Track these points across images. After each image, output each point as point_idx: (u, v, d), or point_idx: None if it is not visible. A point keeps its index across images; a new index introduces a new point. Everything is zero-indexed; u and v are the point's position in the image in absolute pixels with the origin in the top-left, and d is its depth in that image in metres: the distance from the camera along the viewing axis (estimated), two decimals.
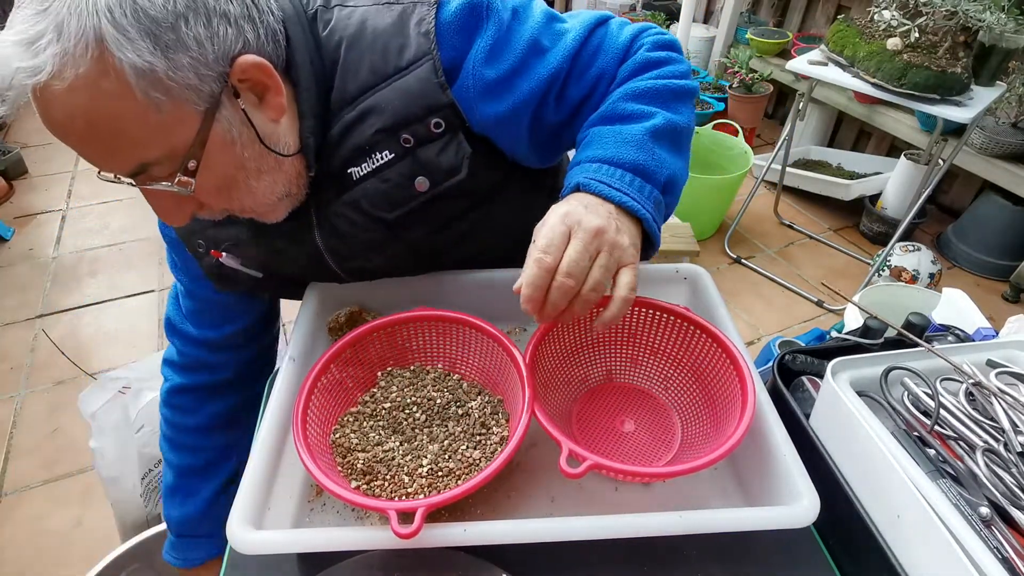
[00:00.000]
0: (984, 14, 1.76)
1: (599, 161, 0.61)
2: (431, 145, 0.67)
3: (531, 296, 0.55)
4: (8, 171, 2.73)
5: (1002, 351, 0.70)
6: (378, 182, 0.68)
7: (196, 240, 0.76)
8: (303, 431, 0.60)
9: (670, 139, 0.65)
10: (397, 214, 0.70)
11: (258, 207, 0.65)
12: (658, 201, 0.62)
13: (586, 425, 0.71)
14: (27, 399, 1.83)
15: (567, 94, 0.69)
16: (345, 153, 0.68)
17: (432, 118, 0.66)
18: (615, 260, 0.56)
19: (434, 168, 0.68)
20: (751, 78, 2.87)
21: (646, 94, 0.66)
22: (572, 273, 0.54)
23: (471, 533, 0.53)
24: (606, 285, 0.56)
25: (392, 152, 0.67)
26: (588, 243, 0.55)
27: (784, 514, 0.55)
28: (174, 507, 0.88)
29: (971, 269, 2.37)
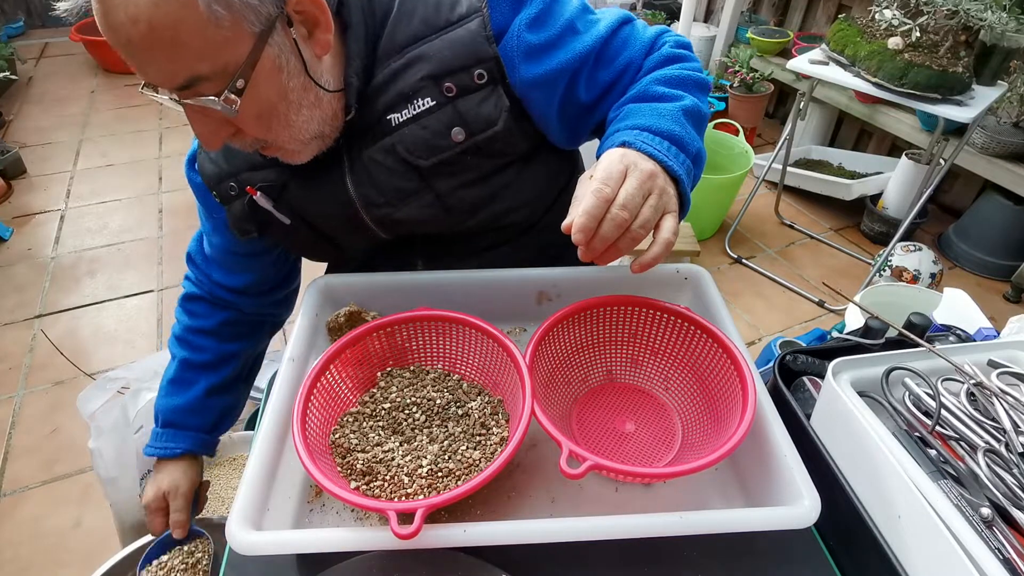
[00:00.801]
0: (985, 13, 1.76)
1: (639, 128, 0.64)
2: (472, 96, 0.70)
3: (585, 224, 0.56)
4: (7, 171, 2.73)
5: (1003, 351, 0.69)
6: (417, 128, 0.71)
7: (227, 184, 0.78)
8: (303, 431, 0.59)
9: (695, 120, 0.69)
10: (432, 162, 0.73)
11: (290, 142, 0.67)
12: (689, 169, 0.65)
13: (586, 425, 0.71)
14: (26, 399, 1.83)
15: (597, 76, 0.73)
16: (387, 99, 0.71)
17: (476, 68, 0.69)
18: (663, 204, 0.59)
19: (472, 118, 0.71)
20: (752, 77, 2.87)
21: (673, 81, 0.71)
22: (627, 206, 0.56)
23: (471, 534, 0.53)
24: (653, 224, 0.58)
25: (434, 100, 0.70)
26: (643, 182, 0.58)
27: (785, 514, 0.55)
28: (169, 397, 0.90)
29: (972, 269, 2.37)
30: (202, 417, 0.91)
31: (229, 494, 1.39)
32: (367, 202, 0.76)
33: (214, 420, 0.92)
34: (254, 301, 0.94)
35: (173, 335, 0.93)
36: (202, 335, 0.91)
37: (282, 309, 1.02)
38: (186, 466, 0.89)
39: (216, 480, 1.42)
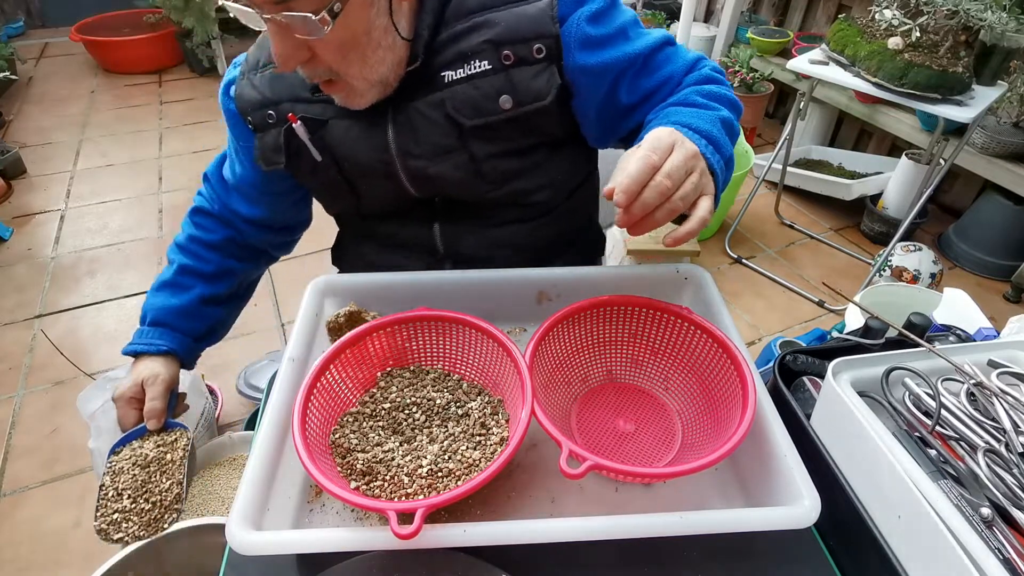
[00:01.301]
0: (985, 13, 1.76)
1: (680, 124, 0.65)
2: (528, 68, 0.74)
3: (629, 187, 0.57)
4: (7, 171, 2.73)
5: (1003, 351, 0.69)
6: (469, 88, 0.75)
7: (266, 112, 0.81)
8: (302, 431, 0.59)
9: (729, 132, 0.72)
10: (475, 123, 0.76)
11: (359, 80, 0.71)
12: (722, 169, 0.67)
13: (586, 425, 0.71)
14: (26, 399, 1.83)
15: (640, 82, 0.77)
16: (446, 57, 0.75)
17: (536, 43, 0.73)
18: (702, 184, 0.60)
19: (523, 89, 0.74)
20: (752, 77, 2.87)
21: (711, 95, 0.75)
22: (672, 175, 0.57)
23: (471, 534, 0.53)
24: (691, 201, 0.60)
25: (490, 64, 0.74)
26: (688, 159, 0.59)
27: (785, 514, 0.55)
28: (161, 297, 0.88)
29: (972, 269, 2.37)
30: (193, 322, 0.89)
31: (229, 494, 1.39)
32: (404, 152, 0.79)
33: (204, 329, 0.91)
34: (262, 234, 0.96)
35: (175, 243, 0.93)
36: (206, 247, 0.92)
37: (282, 249, 1.05)
38: (168, 362, 0.85)
39: (216, 480, 1.43)
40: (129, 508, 0.70)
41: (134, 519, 0.70)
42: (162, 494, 0.71)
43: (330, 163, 0.82)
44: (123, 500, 0.71)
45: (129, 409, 0.80)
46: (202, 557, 1.17)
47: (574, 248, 1.00)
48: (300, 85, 0.79)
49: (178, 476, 0.73)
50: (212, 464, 1.46)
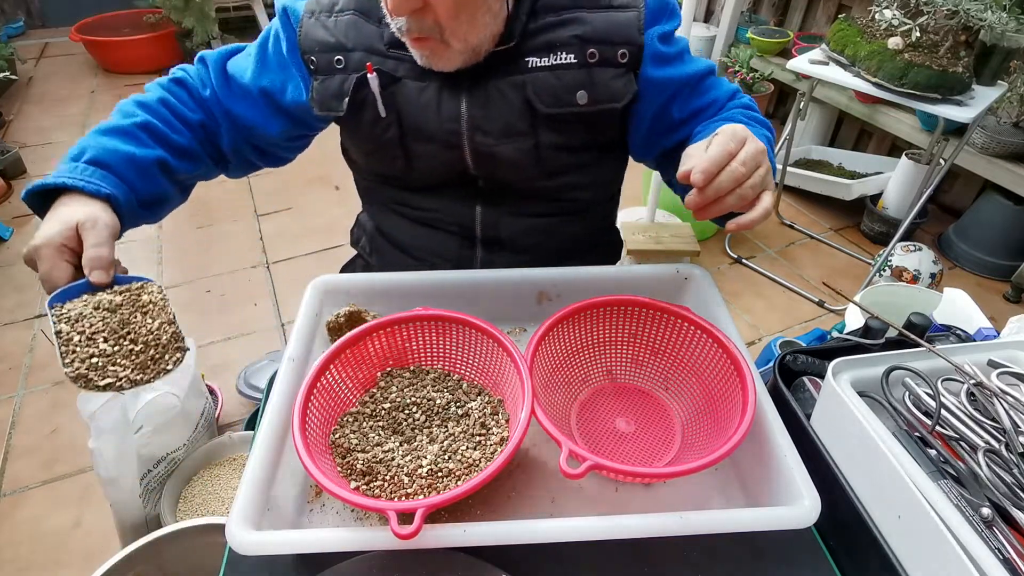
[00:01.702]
0: (985, 13, 1.76)
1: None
2: (609, 69, 0.78)
3: (708, 169, 0.60)
4: (7, 171, 2.73)
5: (1003, 351, 0.69)
6: (552, 77, 0.78)
7: (335, 56, 0.81)
8: (302, 431, 0.59)
9: (770, 148, 0.75)
10: (551, 111, 0.79)
11: (459, 40, 0.73)
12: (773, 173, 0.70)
13: (586, 425, 0.71)
14: (26, 399, 1.83)
15: (691, 101, 0.83)
16: (533, 45, 0.78)
17: (622, 48, 0.77)
18: (767, 180, 0.65)
19: (602, 88, 0.79)
20: (752, 77, 2.87)
21: (752, 119, 0.79)
22: (746, 163, 0.62)
23: (471, 534, 0.53)
24: (758, 193, 0.64)
25: (575, 58, 0.77)
26: (758, 152, 0.63)
27: (785, 515, 0.55)
28: (109, 140, 0.74)
29: (972, 269, 2.37)
30: (145, 182, 0.75)
31: (229, 494, 1.39)
32: (474, 126, 0.80)
33: (152, 196, 0.77)
34: (237, 142, 0.89)
35: (136, 101, 0.81)
36: (180, 119, 0.83)
37: (238, 171, 0.95)
38: (108, 207, 0.69)
39: (216, 480, 1.43)
40: (112, 352, 0.59)
41: (123, 362, 0.59)
42: (152, 333, 0.61)
43: (393, 121, 0.82)
44: (98, 344, 0.59)
45: (60, 260, 0.63)
46: (202, 557, 1.17)
47: (596, 251, 1.03)
48: (376, 37, 0.80)
49: (165, 316, 0.62)
50: (212, 464, 1.46)
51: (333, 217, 2.57)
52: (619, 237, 1.09)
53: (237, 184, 2.78)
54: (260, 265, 2.32)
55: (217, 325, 2.05)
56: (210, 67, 0.87)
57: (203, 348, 1.96)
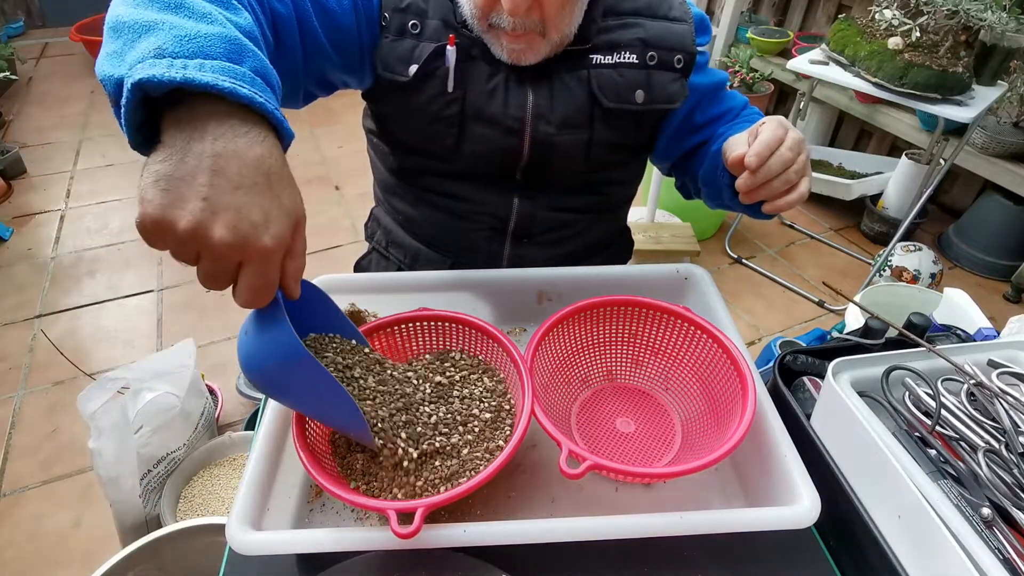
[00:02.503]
0: (985, 13, 1.76)
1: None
2: (666, 73, 0.84)
3: (760, 152, 0.66)
4: (7, 171, 2.73)
5: (1003, 351, 0.69)
6: (615, 73, 0.82)
7: (411, 19, 0.80)
8: (302, 431, 0.59)
9: None
10: (611, 106, 0.83)
11: (555, 33, 0.76)
12: None
13: (586, 425, 0.71)
14: (26, 399, 1.83)
15: (711, 108, 0.90)
16: (596, 43, 0.82)
17: (678, 55, 0.84)
18: (807, 166, 0.70)
19: (659, 90, 0.84)
20: (752, 77, 2.87)
21: None
22: (793, 149, 0.67)
23: (471, 534, 0.53)
24: (799, 179, 0.69)
25: (637, 59, 0.83)
26: (799, 141, 0.69)
27: (785, 514, 0.55)
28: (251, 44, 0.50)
29: (972, 269, 2.37)
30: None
31: (229, 494, 1.39)
32: (538, 114, 0.82)
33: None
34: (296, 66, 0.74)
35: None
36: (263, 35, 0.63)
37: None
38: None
39: (216, 480, 1.43)
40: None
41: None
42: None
43: (458, 98, 0.82)
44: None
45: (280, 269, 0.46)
46: (202, 557, 1.17)
47: (609, 251, 1.04)
48: (451, 12, 0.80)
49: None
50: (212, 464, 1.46)
51: (333, 217, 2.57)
52: (631, 237, 1.10)
53: None
54: None
55: (217, 325, 2.06)
56: None
57: (203, 348, 1.96)
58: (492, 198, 0.89)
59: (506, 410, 0.66)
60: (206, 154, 0.42)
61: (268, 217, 0.43)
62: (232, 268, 0.44)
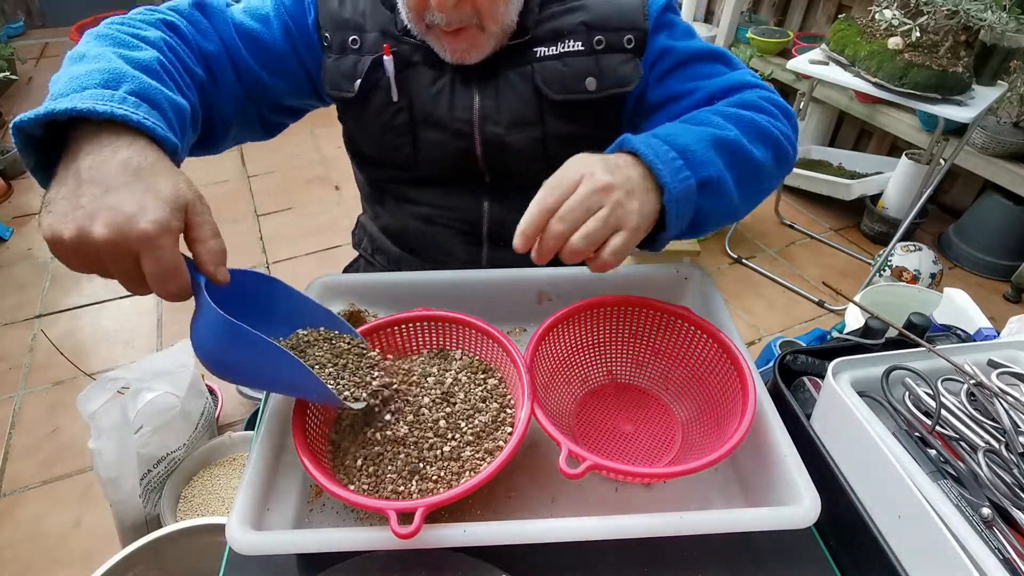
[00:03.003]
0: (985, 13, 1.76)
1: (653, 135, 0.64)
2: (616, 55, 0.79)
3: (524, 231, 0.57)
4: (7, 171, 2.73)
5: (1003, 351, 0.69)
6: (559, 64, 0.79)
7: (350, 35, 0.80)
8: (302, 431, 0.59)
9: (733, 157, 0.66)
10: (559, 98, 0.79)
11: (493, 24, 0.73)
12: (689, 190, 0.61)
13: (586, 425, 0.71)
14: (26, 399, 1.83)
15: (668, 82, 0.80)
16: (540, 33, 0.78)
17: (627, 34, 0.78)
18: (615, 219, 0.57)
19: (609, 74, 0.79)
20: None
21: (732, 117, 0.70)
22: (564, 218, 0.56)
23: (471, 534, 0.53)
24: (600, 238, 0.56)
25: (583, 45, 0.78)
26: (590, 194, 0.56)
27: (785, 514, 0.55)
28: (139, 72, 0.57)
29: (972, 269, 2.37)
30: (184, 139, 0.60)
31: (229, 494, 1.39)
32: (485, 117, 0.80)
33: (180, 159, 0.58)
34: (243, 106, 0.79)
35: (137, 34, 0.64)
36: (189, 75, 0.69)
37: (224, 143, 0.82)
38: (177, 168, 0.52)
39: (216, 480, 1.43)
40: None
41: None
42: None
43: (405, 107, 0.81)
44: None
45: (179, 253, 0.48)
46: (202, 557, 1.17)
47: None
48: (390, 22, 0.79)
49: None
50: (212, 464, 1.46)
51: (333, 217, 2.57)
52: None
53: (237, 184, 2.78)
54: (260, 265, 2.32)
55: None
56: (214, 16, 0.75)
57: None
58: (462, 203, 0.89)
59: (506, 410, 0.66)
60: (80, 170, 0.47)
61: (142, 205, 0.45)
62: (132, 264, 0.46)
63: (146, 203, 0.46)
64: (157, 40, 0.65)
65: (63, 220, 0.45)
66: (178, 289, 0.48)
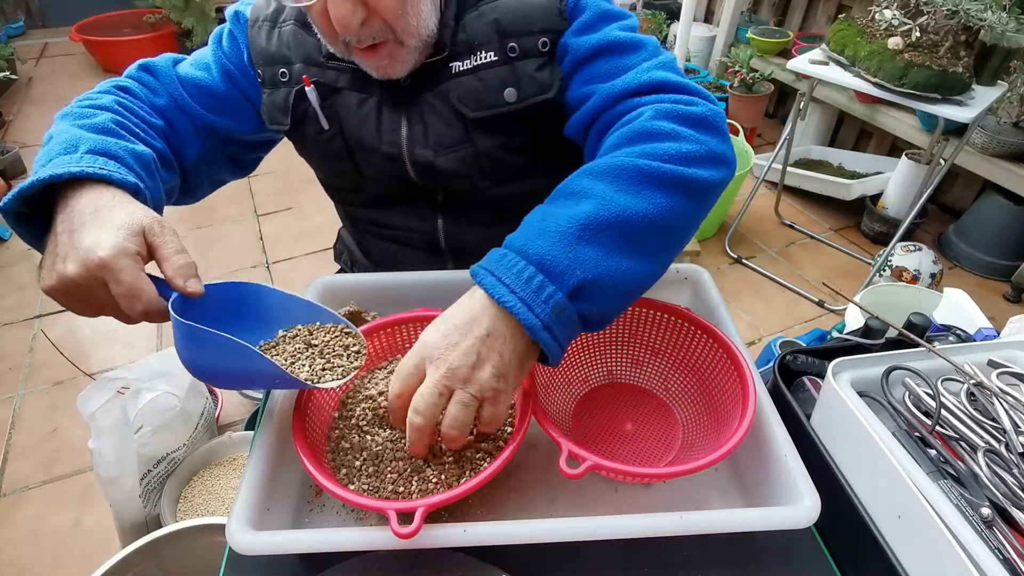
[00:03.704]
0: (985, 13, 1.76)
1: (509, 247, 0.55)
2: (532, 60, 0.74)
3: (395, 422, 0.55)
4: (7, 171, 2.73)
5: (1003, 351, 0.69)
6: (473, 79, 0.75)
7: (279, 68, 0.79)
8: (302, 431, 0.59)
9: (615, 232, 0.54)
10: (478, 115, 0.76)
11: (410, 36, 0.70)
12: (560, 307, 0.52)
13: (586, 425, 0.71)
14: (26, 399, 1.83)
15: (572, 84, 0.74)
16: (455, 48, 0.74)
17: (542, 36, 0.73)
18: (471, 395, 0.51)
19: (527, 82, 0.74)
20: (752, 77, 2.87)
21: (611, 172, 0.58)
22: (419, 410, 0.51)
23: (471, 533, 0.53)
24: (468, 421, 0.52)
25: (496, 55, 0.74)
26: (438, 381, 0.51)
27: (785, 514, 0.55)
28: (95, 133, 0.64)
29: (972, 269, 2.37)
30: (151, 179, 0.65)
31: (229, 494, 1.39)
32: (413, 141, 0.79)
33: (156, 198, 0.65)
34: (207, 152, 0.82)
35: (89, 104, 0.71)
36: (147, 124, 0.74)
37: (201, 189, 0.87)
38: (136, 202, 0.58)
39: (216, 480, 1.43)
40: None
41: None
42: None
43: (336, 133, 0.81)
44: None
45: (142, 272, 0.53)
46: (202, 557, 1.17)
47: None
48: (315, 48, 0.78)
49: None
50: (212, 464, 1.46)
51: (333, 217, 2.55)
52: None
53: (237, 184, 2.78)
54: (260, 265, 2.32)
55: None
56: (160, 74, 0.80)
57: None
58: (417, 222, 0.88)
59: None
60: (56, 226, 0.54)
61: (98, 237, 0.51)
62: (106, 293, 0.52)
63: (101, 234, 0.52)
64: (111, 103, 0.72)
65: (48, 272, 0.53)
66: (145, 307, 0.53)
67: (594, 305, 0.54)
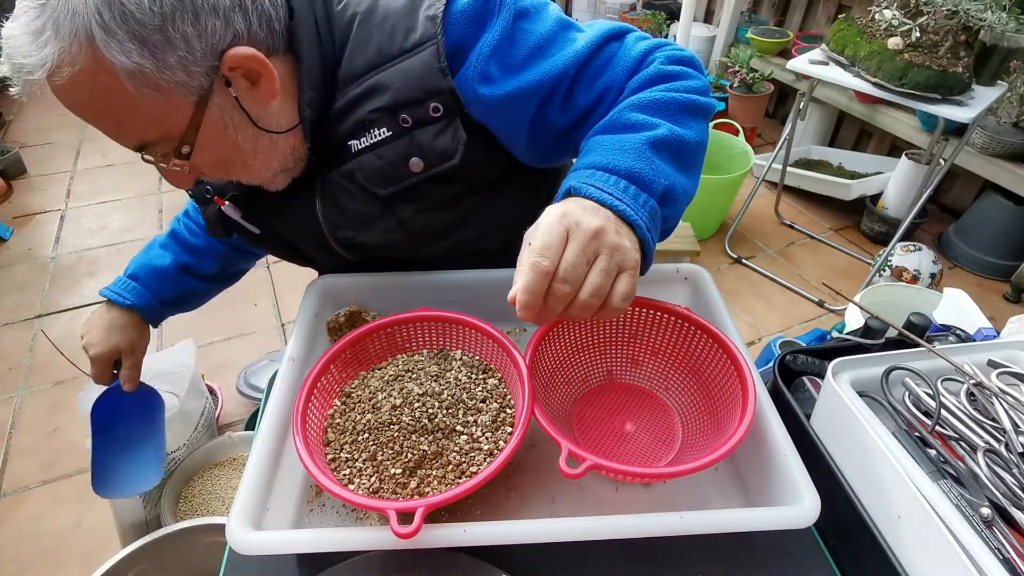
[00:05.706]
0: (985, 13, 1.76)
1: (594, 167, 0.58)
2: (429, 128, 0.69)
3: (528, 303, 0.52)
4: (7, 171, 2.73)
5: (1003, 351, 0.69)
6: (374, 158, 0.71)
7: (203, 187, 0.79)
8: (303, 431, 0.59)
9: (672, 151, 0.61)
10: (390, 191, 0.72)
11: (256, 180, 0.71)
12: (654, 211, 0.57)
13: (586, 425, 0.71)
14: (26, 399, 1.83)
15: (574, 100, 0.68)
16: (347, 126, 0.70)
17: (432, 102, 0.68)
18: (615, 263, 0.52)
19: (429, 150, 0.70)
20: (752, 77, 2.87)
21: (652, 105, 0.63)
22: (568, 279, 0.51)
23: (471, 533, 0.53)
24: (606, 288, 0.52)
25: (390, 130, 0.69)
26: (586, 245, 0.51)
27: (785, 514, 0.55)
28: (147, 255, 0.95)
29: (972, 269, 2.37)
30: (165, 286, 0.94)
31: (229, 494, 1.39)
32: (332, 224, 0.76)
33: (174, 295, 0.95)
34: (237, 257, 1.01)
35: (171, 234, 0.98)
36: (197, 224, 0.96)
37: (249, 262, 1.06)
38: (140, 328, 0.93)
39: (216, 480, 1.43)
40: None
41: None
42: None
43: (268, 235, 0.80)
44: None
45: (105, 369, 0.91)
46: (202, 557, 1.17)
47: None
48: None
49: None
50: (212, 464, 1.46)
51: None
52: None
53: None
54: (260, 265, 2.32)
55: (217, 325, 2.06)
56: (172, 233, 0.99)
57: (203, 348, 1.96)
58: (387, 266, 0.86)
59: (506, 410, 0.66)
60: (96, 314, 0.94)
61: (92, 342, 0.90)
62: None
63: (96, 340, 0.90)
64: (182, 214, 0.98)
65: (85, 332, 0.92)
66: (96, 378, 0.93)
67: (671, 211, 0.61)
